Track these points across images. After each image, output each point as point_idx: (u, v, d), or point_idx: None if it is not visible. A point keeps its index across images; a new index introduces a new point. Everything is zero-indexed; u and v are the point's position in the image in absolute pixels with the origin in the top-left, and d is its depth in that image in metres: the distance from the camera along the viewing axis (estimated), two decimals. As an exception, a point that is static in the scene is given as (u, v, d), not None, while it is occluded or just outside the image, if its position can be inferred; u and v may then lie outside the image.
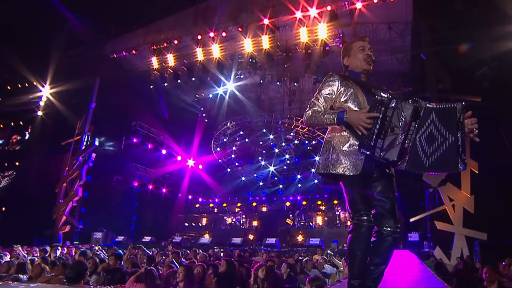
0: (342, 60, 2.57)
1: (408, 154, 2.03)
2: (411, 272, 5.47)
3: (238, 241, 13.53)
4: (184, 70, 16.18)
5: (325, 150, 2.29)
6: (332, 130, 2.32)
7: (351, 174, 2.14)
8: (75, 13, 16.53)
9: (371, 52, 2.49)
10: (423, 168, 2.04)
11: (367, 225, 2.15)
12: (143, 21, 16.00)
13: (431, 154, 2.01)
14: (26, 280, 4.75)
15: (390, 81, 14.24)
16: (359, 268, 2.13)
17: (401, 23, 12.26)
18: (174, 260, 6.90)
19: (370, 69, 2.45)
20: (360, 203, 2.17)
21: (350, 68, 2.48)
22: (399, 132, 2.01)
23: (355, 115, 2.10)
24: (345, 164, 2.16)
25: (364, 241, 2.16)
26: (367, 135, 2.04)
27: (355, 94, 2.29)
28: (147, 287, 4.78)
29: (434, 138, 2.02)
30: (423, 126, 2.03)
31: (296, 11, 12.66)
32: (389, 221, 2.22)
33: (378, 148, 2.01)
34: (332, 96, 2.32)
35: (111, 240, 14.68)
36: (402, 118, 2.01)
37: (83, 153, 15.54)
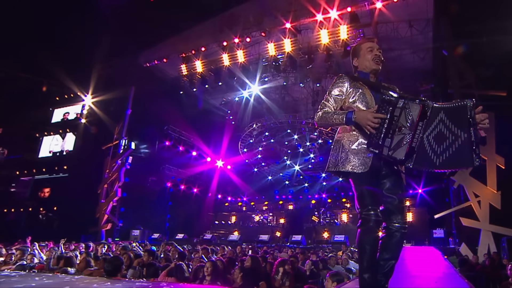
0: (351, 62, 2.58)
1: (416, 153, 2.02)
2: (433, 269, 5.31)
3: (265, 238, 13.61)
4: (211, 75, 16.50)
5: (335, 149, 2.32)
6: (342, 129, 2.34)
7: (359, 172, 2.17)
8: (112, 26, 17.42)
9: (379, 53, 2.47)
10: (433, 166, 2.03)
11: (374, 219, 2.16)
12: (172, 31, 16.46)
13: (442, 152, 2.00)
14: (73, 272, 5.11)
15: (413, 78, 13.79)
16: (368, 262, 2.15)
17: (422, 20, 11.85)
18: (204, 256, 7.10)
19: (379, 68, 2.45)
20: (368, 199, 2.18)
21: (360, 69, 2.49)
22: (406, 132, 2.00)
23: (363, 115, 2.12)
24: (354, 162, 2.19)
25: (372, 235, 2.17)
26: (375, 134, 2.06)
27: (364, 94, 2.31)
28: (177, 281, 4.96)
29: (444, 137, 2.00)
30: (431, 125, 2.02)
31: (317, 13, 12.60)
32: (397, 217, 2.23)
33: (386, 147, 2.02)
34: (342, 97, 2.34)
35: (147, 237, 15.18)
36: (410, 118, 2.01)
37: (121, 157, 16.28)
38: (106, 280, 3.44)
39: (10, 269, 5.42)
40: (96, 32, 17.55)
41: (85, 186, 16.39)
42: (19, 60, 22.70)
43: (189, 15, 15.53)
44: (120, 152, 16.53)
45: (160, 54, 16.58)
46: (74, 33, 18.79)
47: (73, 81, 18.34)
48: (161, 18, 15.53)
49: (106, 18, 16.93)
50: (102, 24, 17.13)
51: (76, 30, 18.49)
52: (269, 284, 5.49)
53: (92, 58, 17.77)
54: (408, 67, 13.67)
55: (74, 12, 17.38)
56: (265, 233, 14.93)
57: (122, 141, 16.82)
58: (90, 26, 17.76)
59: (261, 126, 18.86)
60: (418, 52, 13.38)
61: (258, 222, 18.67)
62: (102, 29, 17.49)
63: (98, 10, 16.86)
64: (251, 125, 18.83)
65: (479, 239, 9.63)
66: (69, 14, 17.44)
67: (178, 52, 16.09)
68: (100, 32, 17.49)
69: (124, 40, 16.87)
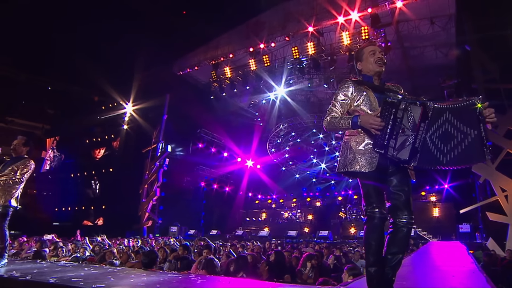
0: (355, 66, 2.57)
1: (419, 152, 2.03)
2: (454, 263, 5.14)
3: (294, 233, 13.63)
4: (239, 80, 16.72)
5: (344, 151, 2.34)
6: (349, 132, 2.34)
7: (366, 171, 2.18)
8: (149, 40, 18.26)
9: (381, 55, 2.48)
10: (440, 164, 2.03)
11: (379, 216, 2.18)
12: (203, 40, 16.91)
13: (450, 150, 1.99)
14: (118, 264, 5.51)
15: (436, 75, 13.15)
16: (374, 256, 2.17)
17: (444, 17, 11.32)
18: (232, 251, 7.30)
19: (382, 70, 2.46)
20: (373, 197, 2.21)
21: (363, 72, 2.48)
22: (409, 133, 2.02)
23: (366, 118, 2.13)
24: (361, 162, 2.21)
25: (377, 231, 2.19)
26: (380, 136, 2.07)
27: (368, 97, 2.32)
28: (207, 273, 5.18)
29: (451, 136, 2.00)
30: (434, 125, 2.03)
31: (338, 16, 12.41)
32: (404, 213, 2.24)
33: (391, 147, 2.03)
34: (347, 101, 2.34)
35: (184, 233, 15.75)
36: (411, 119, 2.02)
37: (159, 159, 17.04)
38: (143, 271, 3.73)
39: (66, 260, 5.98)
40: (135, 46, 18.53)
41: (128, 187, 17.31)
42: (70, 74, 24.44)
43: (218, 24, 15.96)
44: (158, 155, 17.29)
45: (191, 62, 17.05)
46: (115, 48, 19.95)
47: (116, 91, 19.45)
48: (192, 29, 16.08)
49: (143, 33, 17.82)
50: (140, 39, 18.05)
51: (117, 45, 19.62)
52: (294, 277, 5.59)
53: (132, 70, 18.78)
54: (432, 63, 13.10)
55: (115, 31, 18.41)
56: (294, 229, 14.96)
57: (159, 144, 17.59)
58: (129, 41, 18.76)
59: (287, 127, 18.86)
60: (441, 48, 12.79)
61: (287, 219, 18.71)
62: (140, 43, 18.44)
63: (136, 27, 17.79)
64: (278, 126, 18.89)
65: (507, 234, 9.07)
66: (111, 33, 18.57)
67: (208, 59, 16.46)
68: (139, 46, 18.45)
69: (159, 51, 17.68)
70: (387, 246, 2.23)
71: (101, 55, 20.91)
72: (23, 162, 4.05)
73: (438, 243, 10.81)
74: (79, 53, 20.01)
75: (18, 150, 4.12)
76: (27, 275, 2.82)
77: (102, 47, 20.84)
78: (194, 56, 17.12)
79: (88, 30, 20.74)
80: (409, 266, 4.65)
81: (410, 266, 4.68)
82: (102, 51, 21.02)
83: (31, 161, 4.13)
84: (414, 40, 12.54)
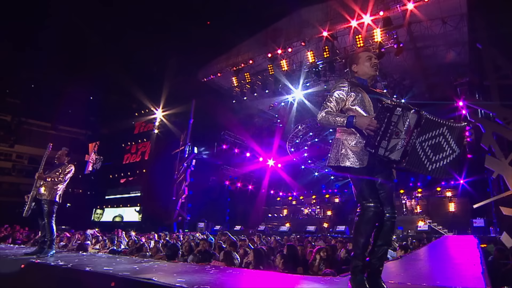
0: (349, 67, 2.58)
1: (409, 155, 2.09)
2: (458, 256, 5.07)
3: (312, 228, 13.68)
4: (259, 84, 16.96)
5: (336, 146, 2.35)
6: (341, 129, 2.36)
7: (357, 167, 2.22)
8: (176, 51, 18.98)
9: (377, 61, 2.56)
10: (424, 171, 2.11)
11: (374, 211, 2.17)
12: (224, 48, 17.29)
13: (437, 161, 2.09)
14: (147, 256, 5.92)
15: (450, 74, 12.67)
16: (362, 249, 2.20)
17: (456, 16, 10.92)
18: (250, 244, 7.54)
19: (376, 74, 2.54)
20: (367, 191, 2.21)
21: (358, 75, 2.51)
22: (403, 136, 2.08)
23: (363, 120, 2.15)
24: (353, 158, 2.23)
25: (370, 224, 2.20)
26: (372, 136, 2.11)
27: (363, 99, 2.34)
28: (226, 265, 5.46)
29: (442, 148, 2.10)
30: (426, 134, 2.11)
31: (351, 20, 12.31)
32: (387, 208, 2.28)
33: (382, 148, 2.08)
34: (343, 99, 2.35)
35: (211, 228, 16.21)
36: (406, 124, 2.08)
37: (187, 160, 17.69)
38: (166, 262, 4.07)
39: (104, 252, 6.50)
40: (163, 57, 19.35)
41: (160, 186, 18.08)
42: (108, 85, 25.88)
43: (238, 33, 16.29)
44: (186, 156, 17.95)
45: (214, 69, 17.48)
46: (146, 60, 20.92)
47: (147, 99, 20.35)
48: (215, 38, 16.54)
49: (171, 45, 18.55)
50: (168, 50, 18.81)
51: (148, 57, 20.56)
52: (306, 269, 5.73)
53: (161, 79, 19.60)
54: (445, 62, 12.67)
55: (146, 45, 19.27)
56: (313, 224, 14.98)
57: (187, 146, 18.24)
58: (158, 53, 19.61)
59: (305, 127, 18.83)
60: (453, 47, 12.35)
61: (307, 215, 18.71)
62: (168, 54, 19.22)
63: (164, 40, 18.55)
64: (296, 126, 18.94)
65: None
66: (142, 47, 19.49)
67: (229, 66, 16.79)
68: (167, 57, 19.25)
69: (185, 61, 18.32)
70: (374, 239, 2.27)
71: (134, 67, 22.01)
72: (65, 166, 4.59)
73: (451, 237, 10.52)
74: (115, 66, 21.18)
75: (61, 159, 4.68)
76: (69, 264, 3.23)
77: (135, 59, 21.94)
78: (217, 64, 17.55)
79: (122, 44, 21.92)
80: (408, 259, 4.67)
81: (409, 259, 4.69)
82: (135, 63, 22.12)
83: (71, 166, 4.67)
84: (426, 40, 12.19)
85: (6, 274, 3.39)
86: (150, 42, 20.24)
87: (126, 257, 4.70)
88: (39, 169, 4.44)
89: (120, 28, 20.82)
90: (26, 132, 27.21)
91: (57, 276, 3.10)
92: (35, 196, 4.34)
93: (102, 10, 19.83)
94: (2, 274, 3.43)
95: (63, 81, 27.35)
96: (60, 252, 4.92)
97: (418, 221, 13.33)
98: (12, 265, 3.46)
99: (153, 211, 17.52)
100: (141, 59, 21.84)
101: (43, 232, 4.34)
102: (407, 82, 14.62)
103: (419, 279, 2.97)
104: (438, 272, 3.55)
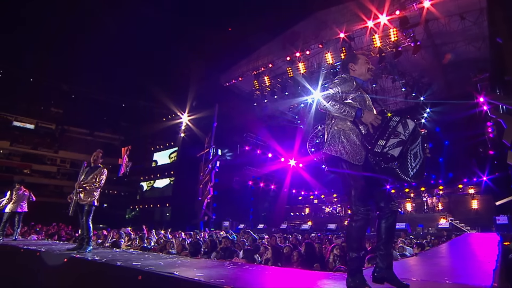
0: (347, 64, 2.58)
1: (403, 158, 2.16)
2: (474, 253, 4.90)
3: (333, 226, 13.55)
4: (278, 87, 17.05)
5: (336, 137, 2.31)
6: (342, 122, 2.32)
7: (353, 163, 2.22)
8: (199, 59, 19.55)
9: (373, 67, 2.62)
10: (407, 175, 2.17)
11: (365, 217, 2.20)
12: (245, 54, 17.55)
13: (414, 167, 2.19)
14: (174, 253, 6.22)
15: (469, 69, 12.02)
16: (356, 251, 2.20)
17: (475, 11, 10.40)
18: (271, 242, 7.66)
19: (371, 78, 2.65)
20: (361, 194, 2.22)
21: (355, 74, 2.51)
22: (403, 138, 2.16)
23: (370, 115, 2.20)
24: (350, 154, 2.23)
25: (362, 231, 2.23)
26: (371, 134, 2.17)
27: (364, 98, 2.40)
28: (247, 262, 5.64)
29: (417, 156, 2.20)
30: (414, 143, 2.21)
31: (368, 20, 12.10)
32: (385, 205, 2.30)
33: (379, 145, 2.14)
34: (348, 92, 2.37)
35: (235, 227, 16.42)
36: (406, 128, 2.18)
37: (211, 161, 18.10)
38: (189, 259, 4.31)
39: (135, 249, 6.91)
40: (188, 64, 19.97)
41: (187, 187, 18.64)
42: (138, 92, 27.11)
43: (258, 38, 16.49)
44: (210, 158, 18.37)
45: (236, 74, 17.78)
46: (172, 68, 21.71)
47: (174, 104, 21.08)
48: (235, 44, 16.86)
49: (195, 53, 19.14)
50: (192, 58, 19.40)
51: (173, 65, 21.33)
52: (323, 265, 5.78)
53: (186, 85, 20.23)
54: (464, 58, 12.09)
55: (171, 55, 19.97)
56: (334, 222, 14.81)
57: (211, 149, 18.67)
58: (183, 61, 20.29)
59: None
60: (473, 43, 11.80)
61: (328, 213, 18.49)
62: (192, 62, 19.82)
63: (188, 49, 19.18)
64: (316, 127, 18.80)
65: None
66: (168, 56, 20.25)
67: (250, 70, 17.02)
68: (191, 64, 19.85)
69: (208, 67, 18.82)
70: (378, 235, 2.30)
71: (161, 75, 22.92)
72: (99, 170, 4.97)
73: (473, 234, 10.05)
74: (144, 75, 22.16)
75: (97, 161, 5.05)
76: (103, 259, 3.56)
77: (161, 68, 22.83)
78: (238, 69, 17.84)
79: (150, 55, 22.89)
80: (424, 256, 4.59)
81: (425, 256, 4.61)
82: (162, 71, 23.03)
83: (105, 169, 5.05)
84: (445, 36, 11.71)
85: (53, 266, 3.81)
86: (176, 52, 21.02)
87: (154, 254, 5.01)
88: (78, 179, 4.85)
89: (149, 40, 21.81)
90: (68, 139, 29.23)
91: (93, 270, 3.44)
92: (77, 201, 4.76)
93: (128, 27, 20.88)
94: (50, 266, 3.85)
95: (98, 91, 29.15)
96: (96, 249, 5.34)
97: (440, 219, 12.86)
98: (57, 259, 3.88)
99: (181, 210, 18.12)
100: (168, 68, 22.74)
101: (82, 231, 4.76)
102: (426, 80, 14.12)
103: (426, 275, 2.98)
104: (448, 269, 3.51)
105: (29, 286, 4.06)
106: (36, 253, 4.23)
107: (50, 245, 5.78)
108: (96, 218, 4.99)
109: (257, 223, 17.80)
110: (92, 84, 27.89)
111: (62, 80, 27.05)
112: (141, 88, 24.71)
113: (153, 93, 22.67)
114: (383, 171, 2.19)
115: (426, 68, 13.42)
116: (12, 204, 6.89)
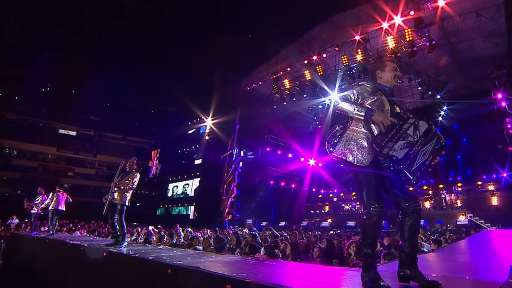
0: (374, 72, 2.58)
1: (410, 159, 2.12)
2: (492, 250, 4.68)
3: (352, 224, 13.29)
4: (297, 89, 16.94)
5: (347, 141, 2.32)
6: (354, 125, 2.34)
7: (359, 165, 2.20)
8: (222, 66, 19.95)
9: (400, 74, 2.60)
10: (414, 176, 2.12)
11: (378, 214, 2.18)
12: (264, 58, 17.64)
13: (419, 167, 2.13)
14: (200, 249, 6.39)
15: (486, 66, 11.31)
16: (370, 247, 2.20)
17: (492, 7, 9.80)
18: (292, 239, 7.68)
19: (397, 85, 2.58)
20: (371, 193, 2.20)
21: (381, 81, 2.51)
22: (411, 140, 2.12)
23: (381, 115, 2.18)
24: (359, 156, 2.22)
25: (376, 228, 2.22)
26: (381, 136, 2.13)
27: (382, 103, 2.36)
28: (269, 258, 5.70)
29: (425, 157, 2.14)
30: (427, 145, 2.15)
31: (382, 21, 11.79)
32: (410, 201, 2.26)
33: (387, 147, 2.11)
34: (363, 95, 2.36)
35: (258, 225, 16.54)
36: (417, 131, 2.14)
37: (234, 162, 18.33)
38: (214, 254, 4.45)
39: (165, 245, 7.18)
40: (211, 71, 20.42)
41: (212, 187, 18.99)
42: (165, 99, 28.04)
43: (276, 43, 16.57)
44: (233, 159, 18.60)
45: (256, 78, 17.90)
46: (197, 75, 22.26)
47: (198, 109, 21.58)
48: (255, 50, 17.04)
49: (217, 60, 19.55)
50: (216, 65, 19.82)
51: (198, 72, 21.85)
52: (342, 261, 5.74)
53: (210, 91, 20.66)
54: (482, 55, 11.44)
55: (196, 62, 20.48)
56: (353, 219, 14.52)
57: (234, 150, 18.91)
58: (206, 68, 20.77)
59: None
60: (490, 39, 11.18)
61: (347, 211, 18.11)
62: (215, 69, 20.25)
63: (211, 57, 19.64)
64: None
65: None
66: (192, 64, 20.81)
67: (269, 74, 17.08)
68: (214, 71, 20.27)
69: (230, 73, 19.12)
70: (401, 232, 2.27)
71: (187, 82, 23.55)
72: (133, 174, 5.27)
73: (492, 231, 9.49)
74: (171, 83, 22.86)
75: (132, 166, 5.35)
76: (136, 254, 3.79)
77: (187, 75, 23.46)
78: (258, 73, 17.96)
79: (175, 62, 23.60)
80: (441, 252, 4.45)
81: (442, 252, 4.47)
82: (187, 78, 23.66)
83: (138, 173, 5.34)
84: (461, 34, 11.18)
85: (93, 260, 4.10)
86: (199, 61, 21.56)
87: (182, 249, 5.21)
88: (114, 179, 5.16)
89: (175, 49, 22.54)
90: (104, 144, 30.82)
91: (128, 263, 3.67)
92: (110, 200, 5.07)
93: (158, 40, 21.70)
94: (91, 260, 4.15)
95: (130, 99, 30.48)
96: (131, 244, 5.64)
97: (459, 215, 12.24)
98: (97, 253, 4.17)
99: (207, 209, 18.47)
100: (193, 75, 23.36)
101: (114, 228, 5.05)
102: (442, 78, 13.48)
103: (445, 271, 2.92)
104: (465, 265, 3.41)
105: (74, 274, 4.40)
106: (80, 248, 4.56)
107: (91, 240, 6.19)
108: (131, 216, 5.25)
109: (278, 220, 17.80)
110: (126, 93, 29.27)
111: (98, 90, 28.57)
112: (168, 95, 25.55)
113: (179, 99, 23.32)
114: (394, 172, 2.17)
115: (443, 66, 12.81)
116: (54, 203, 7.72)
